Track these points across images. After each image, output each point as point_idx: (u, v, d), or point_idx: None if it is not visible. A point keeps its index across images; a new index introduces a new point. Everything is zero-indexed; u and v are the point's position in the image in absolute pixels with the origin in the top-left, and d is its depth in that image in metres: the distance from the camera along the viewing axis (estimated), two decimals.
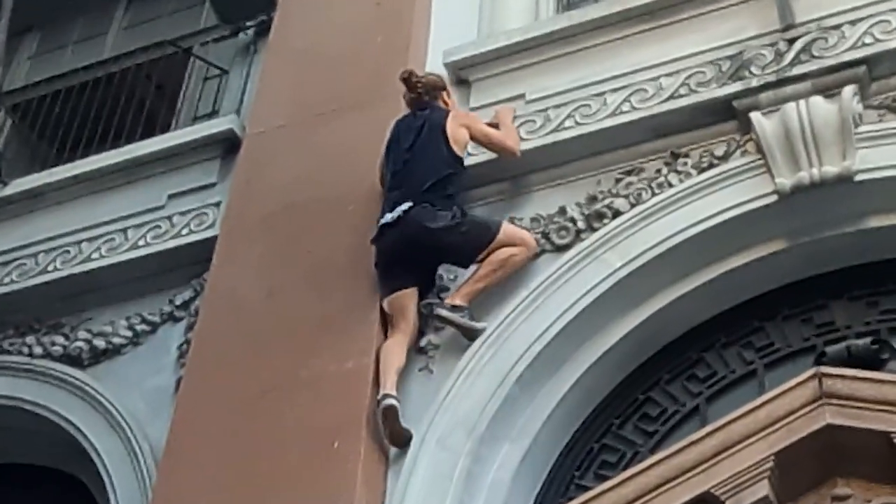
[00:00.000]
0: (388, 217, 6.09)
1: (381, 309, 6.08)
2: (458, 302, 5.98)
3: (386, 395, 5.70)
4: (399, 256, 6.05)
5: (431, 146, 6.23)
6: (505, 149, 6.37)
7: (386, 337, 6.00)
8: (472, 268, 6.11)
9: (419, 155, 6.22)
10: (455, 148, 6.25)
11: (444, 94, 6.58)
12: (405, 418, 5.72)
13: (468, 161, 6.42)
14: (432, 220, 6.02)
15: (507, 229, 6.13)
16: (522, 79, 6.77)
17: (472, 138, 6.37)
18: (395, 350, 5.90)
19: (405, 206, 6.07)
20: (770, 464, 4.67)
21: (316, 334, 6.13)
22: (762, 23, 6.37)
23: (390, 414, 5.67)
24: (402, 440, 5.70)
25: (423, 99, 6.49)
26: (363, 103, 6.95)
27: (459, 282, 6.14)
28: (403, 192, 6.13)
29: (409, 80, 6.53)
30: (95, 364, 7.00)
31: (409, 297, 6.04)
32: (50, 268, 7.35)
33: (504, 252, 6.04)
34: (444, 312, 5.96)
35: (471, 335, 5.94)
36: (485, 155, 6.49)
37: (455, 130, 6.29)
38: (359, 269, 6.25)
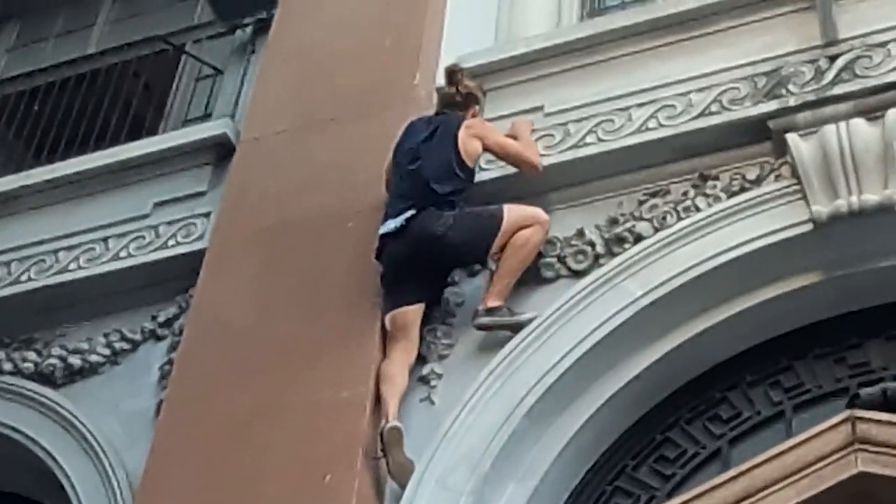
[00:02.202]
0: (392, 225, 6.16)
1: (381, 334, 6.13)
2: (492, 304, 6.08)
3: (389, 422, 5.76)
4: (406, 268, 6.13)
5: (440, 154, 6.28)
6: (524, 161, 6.42)
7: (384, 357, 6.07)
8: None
9: (426, 163, 6.27)
10: (465, 159, 6.30)
11: (476, 108, 6.61)
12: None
13: (480, 177, 6.48)
14: (436, 226, 6.10)
15: (511, 212, 6.18)
16: (541, 90, 6.82)
17: (487, 149, 6.41)
18: (397, 373, 5.98)
19: (409, 213, 6.15)
20: None
21: (309, 359, 6.16)
22: (802, 38, 6.42)
23: (394, 437, 5.70)
24: (405, 472, 5.69)
25: (456, 100, 6.55)
26: (368, 110, 7.00)
27: (468, 305, 6.20)
28: (406, 199, 6.21)
29: (454, 75, 6.59)
30: (70, 383, 7.03)
31: (414, 314, 6.13)
32: (23, 278, 7.39)
33: (520, 238, 6.12)
34: (484, 321, 6.06)
35: (519, 328, 6.02)
36: (497, 171, 6.54)
37: (466, 141, 6.33)
38: (357, 290, 6.30)
